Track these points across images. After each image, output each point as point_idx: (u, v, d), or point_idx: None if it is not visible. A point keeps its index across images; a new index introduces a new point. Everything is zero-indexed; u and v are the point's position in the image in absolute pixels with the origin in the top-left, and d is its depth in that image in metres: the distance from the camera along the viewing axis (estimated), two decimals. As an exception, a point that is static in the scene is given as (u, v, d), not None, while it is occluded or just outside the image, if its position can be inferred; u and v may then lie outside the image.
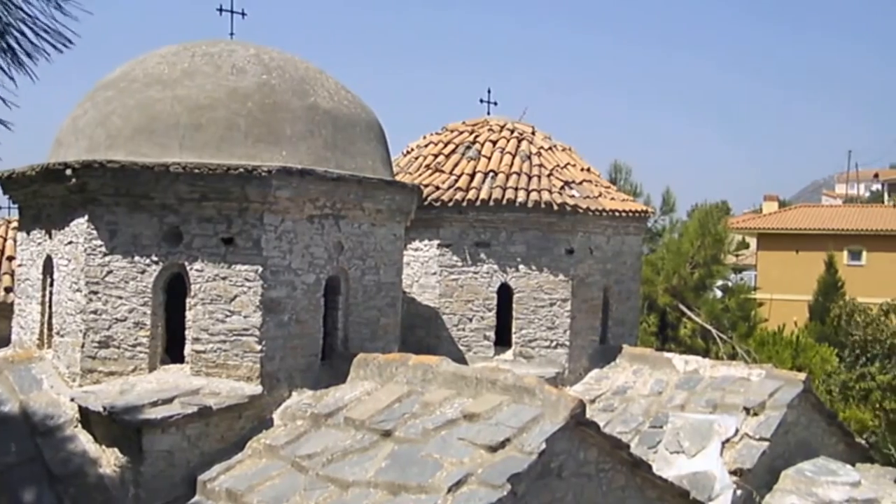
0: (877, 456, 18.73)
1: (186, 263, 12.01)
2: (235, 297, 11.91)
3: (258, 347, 11.90)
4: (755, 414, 14.57)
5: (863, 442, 18.09)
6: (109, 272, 12.13)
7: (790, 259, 56.02)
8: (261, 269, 11.86)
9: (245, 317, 11.91)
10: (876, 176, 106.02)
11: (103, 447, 11.35)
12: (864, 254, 56.60)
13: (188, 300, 12.10)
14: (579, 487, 10.66)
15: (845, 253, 55.47)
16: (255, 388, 11.84)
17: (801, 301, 46.71)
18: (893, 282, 45.33)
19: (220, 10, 14.46)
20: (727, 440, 14.18)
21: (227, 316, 11.94)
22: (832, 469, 14.73)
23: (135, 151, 12.12)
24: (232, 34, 14.31)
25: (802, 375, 15.64)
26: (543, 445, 9.75)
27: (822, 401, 16.55)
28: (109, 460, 11.21)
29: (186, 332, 12.18)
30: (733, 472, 13.69)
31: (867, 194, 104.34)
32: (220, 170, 11.69)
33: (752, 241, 62.08)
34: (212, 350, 11.99)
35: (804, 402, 15.29)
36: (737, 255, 57.92)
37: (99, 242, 12.11)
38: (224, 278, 11.93)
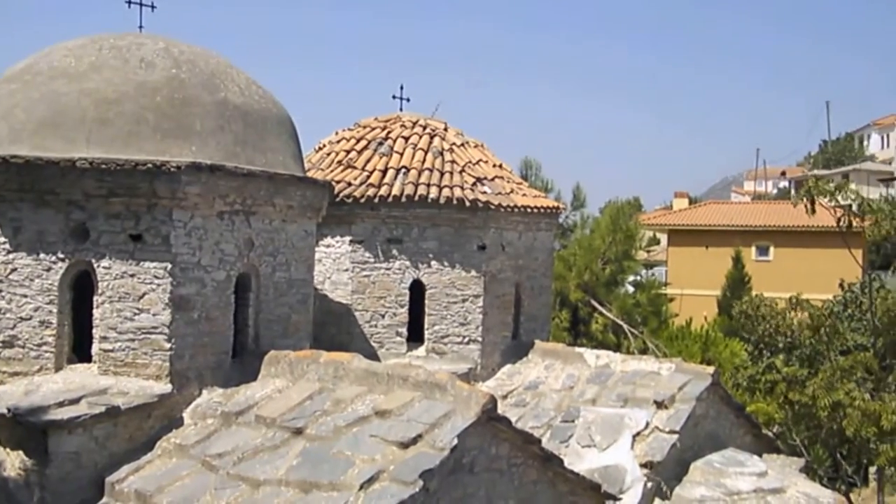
0: (783, 446, 19.15)
1: (93, 261, 11.79)
2: (144, 294, 11.73)
3: (167, 346, 11.74)
4: (665, 407, 14.80)
5: (770, 433, 18.50)
6: (14, 270, 11.86)
7: (700, 255, 57.01)
8: (170, 266, 11.70)
9: (154, 314, 11.74)
10: (783, 174, 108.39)
11: (7, 450, 11.05)
12: (772, 249, 57.82)
13: (95, 298, 11.89)
14: (491, 482, 10.74)
15: (753, 249, 56.63)
16: (164, 387, 11.67)
17: (711, 296, 47.64)
18: (799, 277, 46.34)
19: (129, 2, 14.22)
20: (638, 433, 14.38)
21: (135, 314, 11.75)
22: (740, 460, 15.04)
23: (40, 146, 11.86)
24: (141, 27, 14.07)
25: (711, 369, 15.94)
26: (455, 441, 9.80)
27: (730, 393, 16.88)
28: (14, 463, 10.94)
29: (94, 331, 11.96)
30: (644, 465, 13.89)
31: (775, 191, 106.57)
32: (128, 165, 11.49)
33: (663, 238, 63.10)
34: (120, 349, 11.80)
35: (713, 394, 15.57)
36: (648, 251, 58.81)
37: (2, 240, 11.84)
38: (132, 275, 11.74)
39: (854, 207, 19.65)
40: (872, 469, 24.63)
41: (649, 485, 13.71)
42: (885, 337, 20.05)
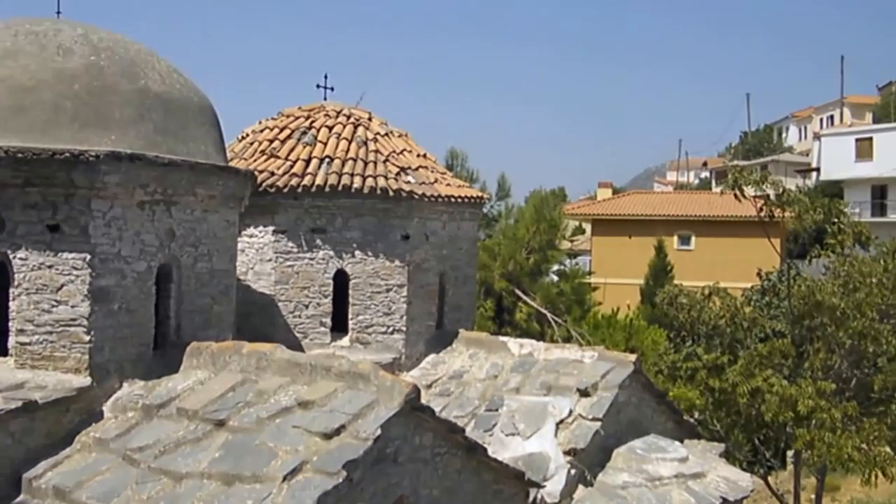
0: (704, 432, 19.45)
1: (9, 252, 11.56)
2: (62, 286, 11.54)
3: (86, 338, 11.56)
4: (588, 395, 14.93)
5: (691, 420, 18.78)
6: (-74, 261, 11.60)
7: (623, 244, 57.67)
8: (89, 257, 11.52)
9: (72, 307, 11.55)
10: (705, 164, 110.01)
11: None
12: (693, 239, 58.70)
13: (11, 290, 11.65)
14: (415, 472, 10.77)
15: (675, 238, 57.44)
16: (83, 381, 11.51)
17: (634, 285, 48.22)
18: (720, 265, 47.15)
19: (46, -13, 13.96)
20: (561, 421, 14.50)
21: (53, 306, 11.56)
22: (661, 446, 15.25)
23: (-48, 134, 11.60)
24: (59, 13, 13.80)
25: (633, 357, 16.13)
26: (378, 431, 9.81)
27: (651, 381, 17.08)
28: (-73, 459, 10.73)
29: (10, 324, 11.72)
30: (567, 453, 14.01)
31: (697, 182, 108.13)
32: (45, 154, 11.28)
33: (588, 227, 63.67)
34: (37, 342, 11.59)
35: (635, 382, 15.76)
36: (572, 241, 59.28)
37: (-86, 230, 11.57)
38: (50, 267, 11.53)
39: (773, 198, 19.97)
40: (790, 453, 25.15)
41: (573, 472, 13.84)
42: (800, 324, 20.43)
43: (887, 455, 17.83)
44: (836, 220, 20.11)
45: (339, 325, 16.80)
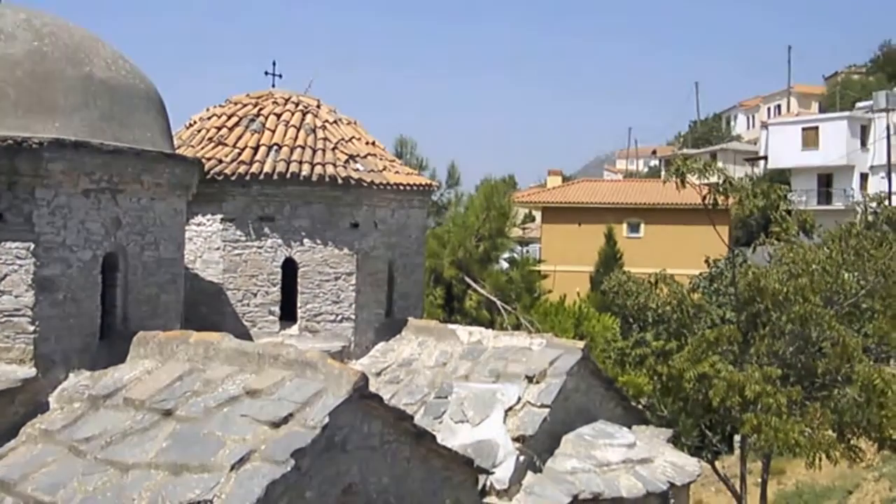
0: (652, 418, 19.65)
1: (-49, 241, 11.40)
2: (6, 276, 11.39)
3: (31, 328, 11.43)
4: (536, 382, 15.03)
5: (639, 405, 18.96)
6: None
7: (573, 232, 57.91)
8: (33, 246, 11.39)
9: (16, 296, 11.41)
10: (654, 152, 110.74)
11: None
12: (642, 226, 59.09)
13: (-47, 280, 11.50)
14: (364, 460, 10.78)
15: (624, 226, 57.80)
16: (28, 371, 11.38)
17: (584, 272, 48.44)
18: (669, 253, 47.48)
19: (-14, -28, 13.73)
20: (510, 408, 14.59)
21: (-4, 296, 11.42)
22: (610, 432, 15.39)
23: None
24: (0, -2, 13.60)
25: (581, 344, 16.23)
26: (326, 419, 9.81)
27: (599, 367, 17.22)
28: None
29: (-48, 314, 11.58)
30: (516, 439, 14.10)
31: (646, 170, 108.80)
32: (-13, 142, 11.13)
33: (538, 215, 63.92)
34: (-20, 332, 11.44)
35: (583, 369, 15.87)
36: (523, 229, 59.47)
37: None
38: (-7, 256, 11.39)
39: (717, 185, 20.18)
40: (737, 437, 25.47)
41: (521, 458, 13.93)
42: (746, 310, 20.67)
43: (831, 439, 18.11)
44: (778, 205, 20.34)
45: (288, 314, 16.74)
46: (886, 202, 24.62)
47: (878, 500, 27.40)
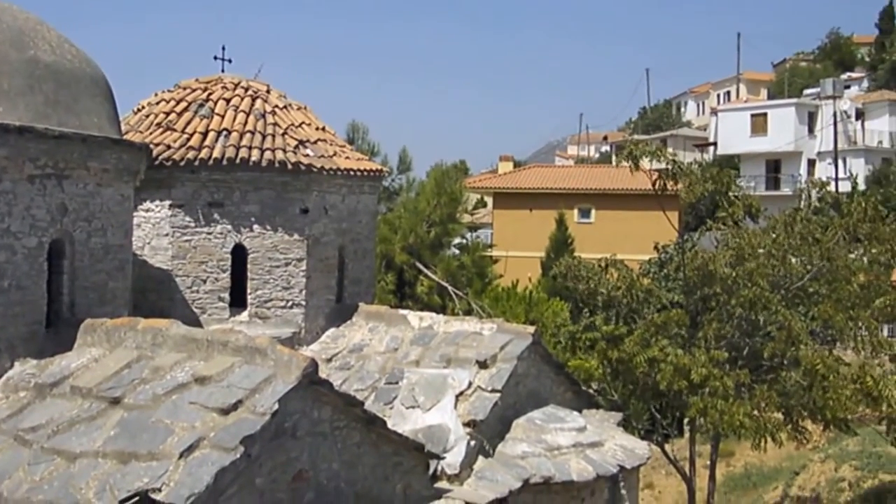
0: (602, 402, 19.79)
1: None
2: (-52, 262, 11.25)
3: (-25, 316, 11.29)
4: (487, 367, 15.06)
5: (589, 390, 19.09)
6: None
7: (524, 217, 58.14)
8: (-24, 232, 11.24)
9: (-40, 284, 11.27)
10: (605, 138, 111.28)
11: None
12: (593, 212, 59.45)
13: None
14: (314, 446, 10.76)
15: (576, 211, 58.11)
16: (-28, 359, 11.25)
17: (535, 258, 48.61)
18: (620, 238, 47.82)
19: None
20: (461, 393, 14.62)
21: (-61, 283, 11.27)
22: (560, 416, 15.49)
23: None
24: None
25: (531, 328, 16.30)
26: (276, 406, 9.78)
27: (550, 352, 17.31)
28: None
29: None
30: (467, 424, 14.15)
31: (597, 156, 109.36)
32: (-72, 127, 10.96)
33: (490, 200, 64.04)
34: (-77, 319, 11.29)
35: (533, 353, 15.94)
36: (474, 214, 59.55)
37: None
38: (-65, 243, 11.23)
39: (666, 170, 20.38)
40: (686, 421, 25.75)
41: (472, 443, 13.98)
42: (695, 294, 20.90)
43: (777, 421, 18.42)
44: (727, 190, 20.59)
45: (237, 300, 16.66)
46: (829, 188, 25.01)
47: (823, 481, 27.86)
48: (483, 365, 15.04)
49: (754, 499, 30.20)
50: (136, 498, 8.89)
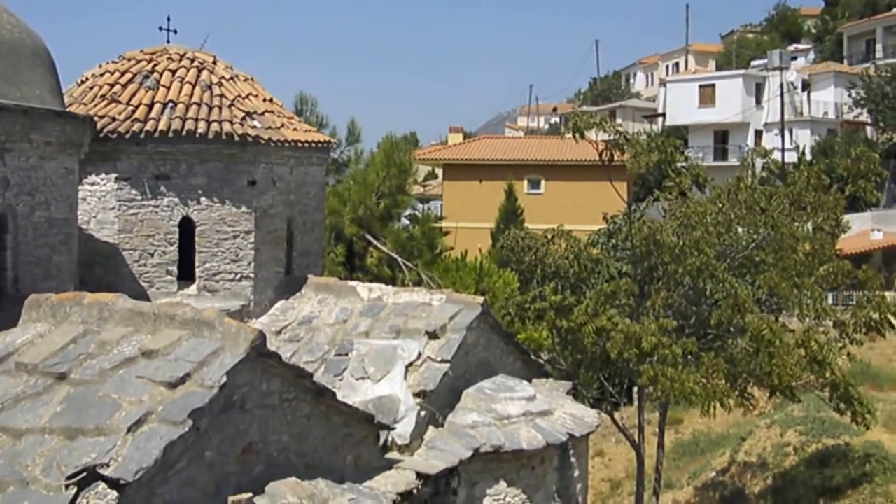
0: (552, 371, 19.90)
1: None
2: None
3: (-84, 291, 11.13)
4: (436, 337, 15.08)
5: (539, 359, 19.18)
6: None
7: (474, 188, 58.22)
8: (-85, 207, 11.06)
9: None
10: (555, 110, 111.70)
11: None
12: (543, 183, 59.65)
13: None
14: (264, 418, 10.73)
15: (525, 182, 58.27)
16: (-87, 335, 11.08)
17: (485, 229, 48.72)
18: (568, 209, 47.98)
19: None
20: (410, 364, 14.65)
21: None
22: (510, 386, 15.56)
23: None
24: None
25: (481, 299, 16.34)
26: (224, 379, 9.72)
27: (499, 322, 17.36)
28: None
29: None
30: (417, 395, 14.19)
31: (547, 127, 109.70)
32: None
33: (440, 172, 64.02)
34: None
35: (483, 324, 15.97)
36: (424, 186, 59.49)
37: None
38: None
39: (611, 140, 20.49)
40: (635, 389, 26.01)
41: (423, 413, 14.03)
42: (643, 264, 21.02)
43: (724, 388, 18.62)
44: (672, 160, 20.72)
45: (186, 274, 16.56)
46: (772, 156, 25.24)
47: (769, 446, 28.31)
48: (433, 335, 15.07)
49: (702, 465, 30.64)
50: (84, 474, 8.81)
